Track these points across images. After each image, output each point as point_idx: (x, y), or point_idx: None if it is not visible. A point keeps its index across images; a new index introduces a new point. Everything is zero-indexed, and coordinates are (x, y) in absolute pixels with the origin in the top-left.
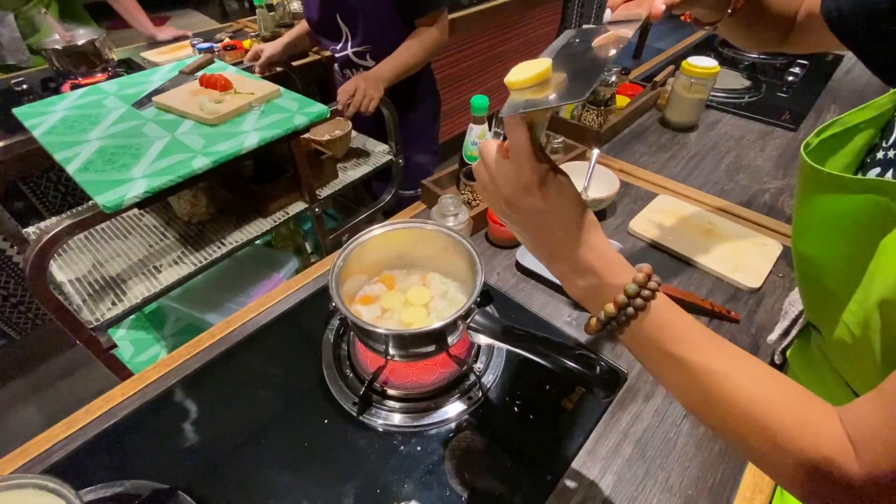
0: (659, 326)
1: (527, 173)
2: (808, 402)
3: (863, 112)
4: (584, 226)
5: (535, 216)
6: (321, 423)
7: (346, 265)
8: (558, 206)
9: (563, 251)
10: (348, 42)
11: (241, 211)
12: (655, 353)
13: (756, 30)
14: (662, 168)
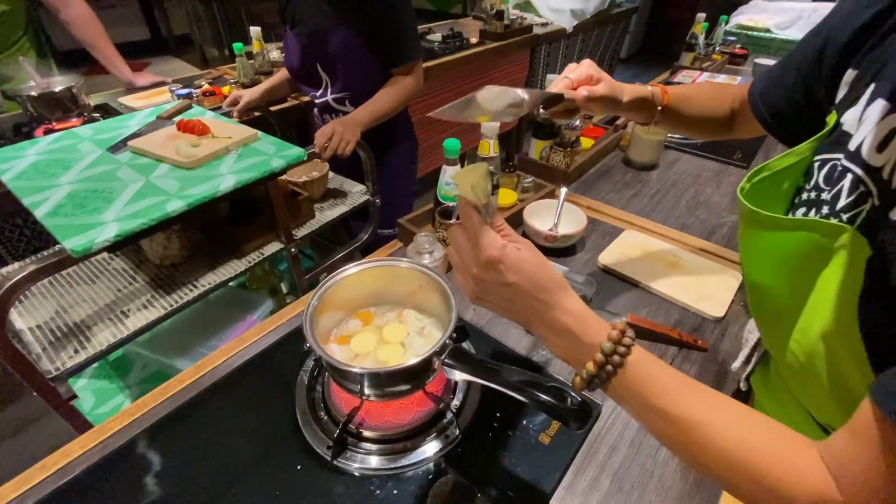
0: (639, 382)
1: (486, 251)
2: (788, 440)
3: (787, 158)
4: (552, 290)
5: (503, 289)
6: (294, 470)
7: (322, 304)
8: (522, 277)
9: (538, 317)
10: (328, 89)
11: (214, 252)
12: (639, 406)
13: (690, 127)
14: (627, 204)
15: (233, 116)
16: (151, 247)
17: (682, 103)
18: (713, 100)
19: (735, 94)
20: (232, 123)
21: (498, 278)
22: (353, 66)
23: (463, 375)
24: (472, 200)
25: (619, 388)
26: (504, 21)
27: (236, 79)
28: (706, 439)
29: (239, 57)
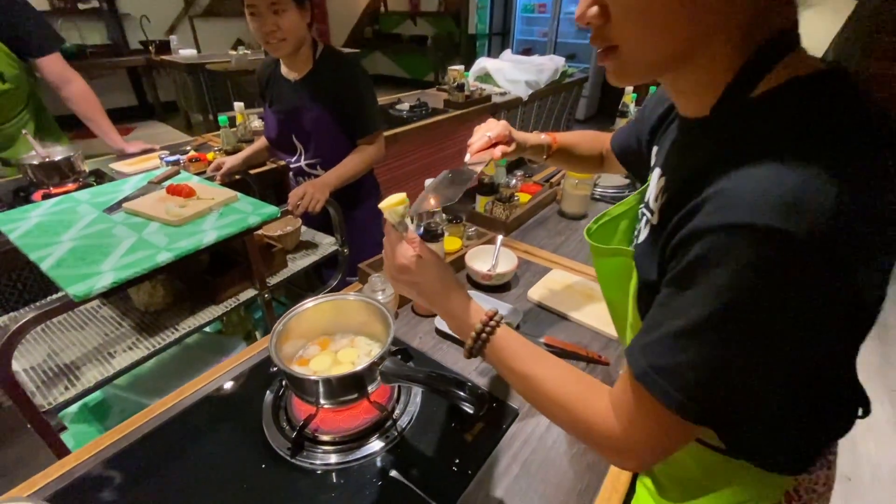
0: (499, 349)
1: (399, 258)
2: (592, 388)
3: (620, 207)
4: (447, 288)
5: (413, 285)
6: (259, 468)
7: (285, 331)
8: (424, 279)
9: (437, 305)
10: (302, 156)
11: (195, 300)
12: (501, 367)
13: (574, 165)
14: (557, 248)
15: (216, 180)
16: (139, 295)
17: (567, 148)
18: (590, 146)
19: (604, 141)
20: (215, 186)
21: (408, 278)
22: (323, 138)
23: (396, 381)
24: (392, 222)
25: (489, 354)
26: (465, 92)
27: (220, 146)
28: (540, 388)
29: (223, 128)
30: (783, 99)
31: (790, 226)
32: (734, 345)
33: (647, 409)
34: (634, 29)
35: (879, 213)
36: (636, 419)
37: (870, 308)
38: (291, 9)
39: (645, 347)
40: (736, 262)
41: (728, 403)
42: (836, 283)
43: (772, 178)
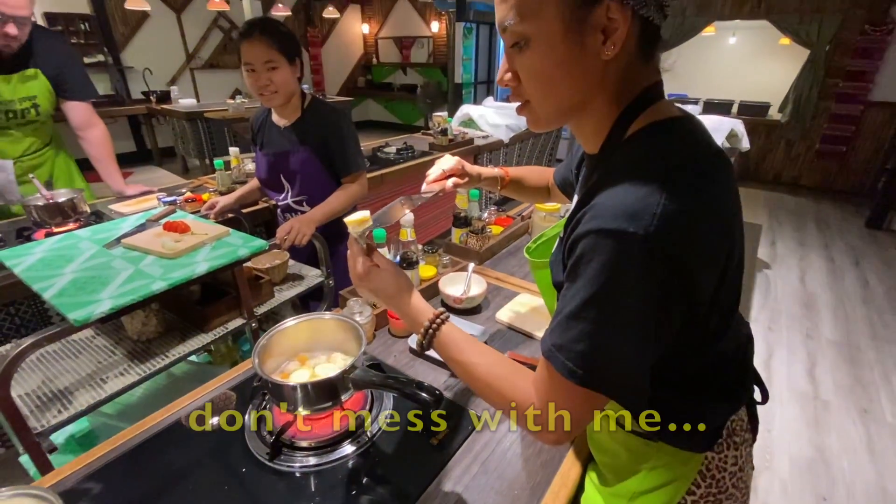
0: (444, 342)
1: (358, 268)
2: (518, 373)
3: (555, 228)
4: (401, 291)
5: (371, 290)
6: (239, 471)
7: (268, 346)
8: (381, 284)
9: (393, 306)
10: (289, 193)
11: (185, 329)
12: (447, 356)
13: (524, 196)
14: (526, 275)
15: (210, 218)
16: (132, 323)
17: (518, 180)
18: (537, 178)
19: (550, 175)
20: (209, 223)
21: (367, 284)
22: (308, 177)
23: (365, 386)
24: (355, 235)
25: (437, 346)
26: (448, 136)
27: (216, 187)
28: (475, 373)
29: (219, 171)
30: (639, 139)
31: (632, 227)
32: (605, 319)
33: (556, 383)
34: (536, 89)
35: (699, 214)
36: (549, 391)
37: (705, 297)
38: (283, 66)
39: (551, 331)
40: (600, 256)
41: (608, 369)
42: (669, 267)
43: (623, 194)
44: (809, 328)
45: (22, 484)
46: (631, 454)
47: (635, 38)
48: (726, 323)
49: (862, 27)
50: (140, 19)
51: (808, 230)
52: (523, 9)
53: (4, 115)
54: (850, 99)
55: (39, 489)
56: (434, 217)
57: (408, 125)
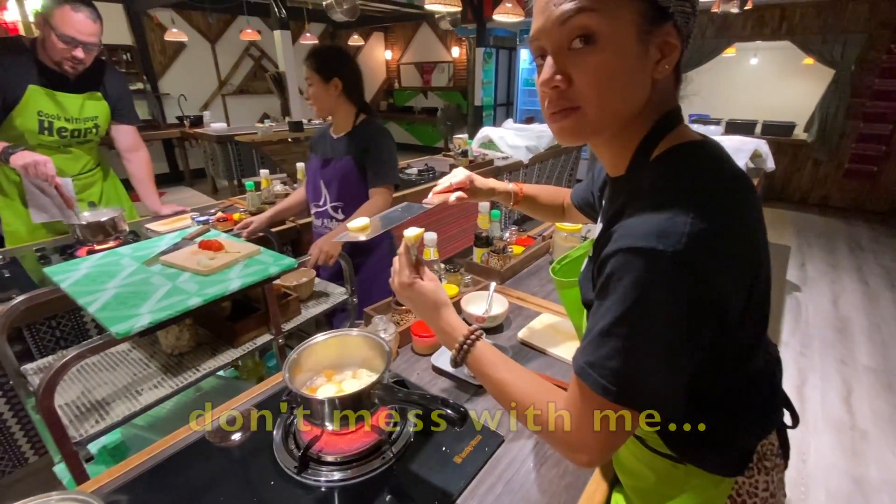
0: (478, 359)
1: (403, 278)
2: (550, 392)
3: (580, 249)
4: (439, 308)
5: (411, 301)
6: (268, 484)
7: (298, 360)
8: (420, 298)
9: (430, 320)
10: (326, 200)
11: (216, 344)
12: (479, 374)
13: (538, 213)
14: (548, 295)
15: (242, 236)
16: (167, 338)
17: (531, 197)
18: (551, 197)
19: (564, 195)
20: (241, 242)
21: (408, 294)
22: (346, 185)
23: (391, 401)
24: (408, 245)
25: (470, 363)
26: (468, 157)
27: (246, 207)
28: (508, 391)
29: (250, 192)
30: (665, 161)
31: (661, 245)
32: (637, 336)
33: (588, 401)
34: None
35: (725, 233)
36: (582, 413)
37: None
38: (317, 84)
39: (583, 349)
40: (630, 274)
41: (642, 385)
42: (698, 284)
43: (652, 214)
44: (844, 354)
45: None
46: (658, 477)
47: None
48: (755, 343)
49: (888, 46)
50: (177, 49)
51: (839, 252)
52: (600, 2)
53: (70, 134)
54: (879, 118)
55: (86, 494)
56: (451, 237)
57: (429, 147)
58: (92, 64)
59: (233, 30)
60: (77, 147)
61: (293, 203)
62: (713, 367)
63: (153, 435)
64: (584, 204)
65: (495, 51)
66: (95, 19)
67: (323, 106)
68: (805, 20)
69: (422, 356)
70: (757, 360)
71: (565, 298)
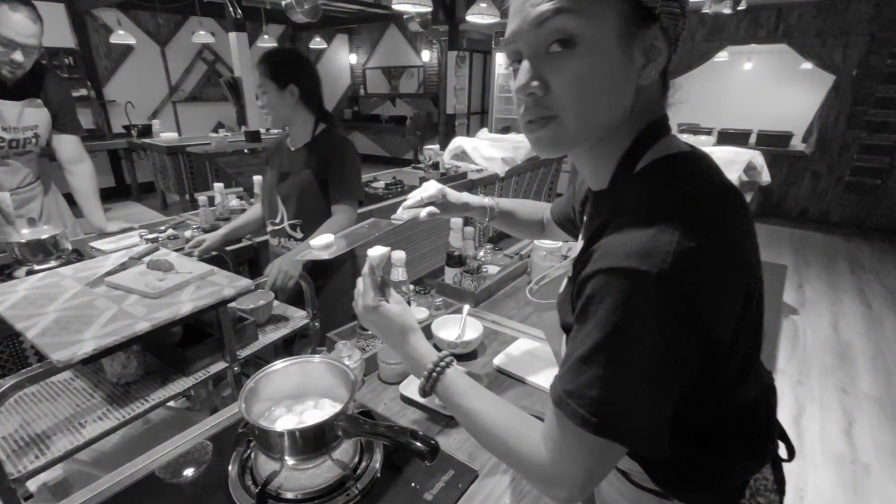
0: (448, 386)
1: (368, 300)
2: (527, 423)
3: (559, 269)
4: (405, 333)
5: (375, 325)
6: None
7: (255, 390)
8: (385, 323)
9: (396, 346)
10: (284, 217)
11: (166, 373)
12: (449, 403)
13: (515, 230)
14: (525, 319)
15: (194, 256)
16: (112, 366)
17: (509, 212)
18: (529, 212)
19: (543, 210)
20: (193, 261)
21: (372, 318)
22: (305, 201)
23: (356, 434)
24: (373, 265)
25: (440, 391)
26: (440, 170)
27: (198, 224)
28: (480, 421)
29: (203, 207)
30: (649, 175)
31: (644, 265)
32: (619, 363)
33: (568, 434)
34: (578, 99)
35: (714, 252)
36: (560, 445)
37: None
38: (271, 91)
39: (561, 377)
40: (612, 296)
41: (625, 416)
42: (685, 306)
43: (634, 232)
44: (845, 382)
45: None
46: None
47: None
48: (747, 370)
49: (893, 50)
50: (124, 53)
51: (839, 272)
52: (580, 3)
53: (7, 144)
54: (883, 128)
55: None
56: (421, 255)
57: (397, 158)
58: (31, 68)
59: (184, 31)
60: (15, 159)
61: (250, 220)
62: (702, 396)
63: (98, 471)
64: (565, 220)
65: (469, 54)
66: (35, 20)
67: (279, 115)
68: (803, 21)
69: (389, 384)
70: (749, 389)
71: (543, 320)
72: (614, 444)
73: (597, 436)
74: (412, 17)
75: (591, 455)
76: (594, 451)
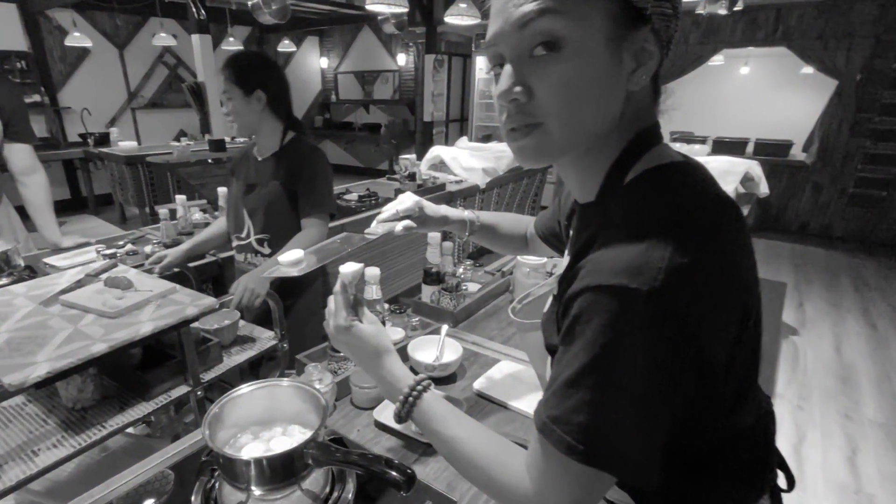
0: (425, 412)
1: (340, 320)
2: (509, 451)
3: (543, 287)
4: (379, 355)
5: (348, 346)
6: None
7: (220, 415)
8: (358, 344)
9: (370, 369)
10: (250, 231)
11: (124, 397)
12: (427, 430)
13: (497, 245)
14: (508, 340)
15: (154, 272)
16: (67, 390)
17: (490, 226)
18: (511, 226)
19: (527, 224)
20: (153, 278)
21: (345, 339)
22: (273, 214)
23: (328, 462)
24: (345, 282)
25: (416, 417)
26: (416, 181)
27: (159, 239)
28: (460, 450)
29: (164, 221)
30: (640, 186)
31: (635, 283)
32: (607, 386)
33: (553, 462)
34: (564, 105)
35: (709, 268)
36: (545, 474)
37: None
38: (237, 97)
39: (545, 402)
40: (600, 316)
41: (613, 443)
42: (677, 326)
43: (624, 247)
44: (848, 407)
45: None
46: None
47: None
48: (744, 394)
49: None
50: (80, 56)
51: (842, 289)
52: (566, 3)
53: None
54: (889, 136)
55: None
56: (397, 272)
57: (371, 169)
58: None
59: (144, 34)
60: None
61: (214, 234)
62: (695, 422)
63: (52, 502)
64: (550, 234)
65: (447, 58)
66: None
67: (244, 122)
68: (804, 23)
69: (363, 410)
70: (746, 414)
71: (526, 342)
72: (602, 474)
73: (584, 464)
74: (387, 18)
75: (578, 485)
76: (581, 480)
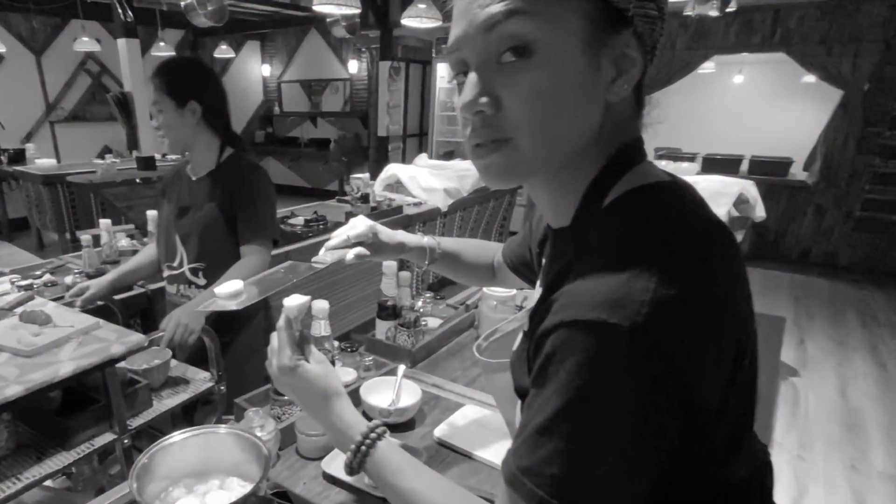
0: (380, 463)
1: (283, 360)
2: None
3: (512, 323)
4: (327, 399)
5: (293, 389)
6: None
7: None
8: (304, 386)
9: (316, 414)
10: (183, 260)
11: (42, 446)
12: (381, 483)
13: (460, 275)
14: (472, 381)
15: (76, 305)
16: None
17: (453, 254)
18: (476, 254)
19: (494, 251)
20: (74, 313)
21: (289, 380)
22: (209, 240)
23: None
24: (290, 317)
25: (370, 468)
26: (370, 203)
27: (81, 269)
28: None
29: (86, 248)
30: (620, 209)
31: (615, 318)
32: (584, 434)
33: None
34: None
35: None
36: None
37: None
38: (169, 109)
39: (515, 451)
40: (575, 354)
41: (590, 498)
42: (663, 367)
43: (603, 278)
44: (855, 457)
45: None
46: None
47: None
48: (738, 442)
49: None
50: None
51: (848, 325)
52: (537, 4)
53: None
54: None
55: None
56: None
57: (319, 189)
58: None
59: (64, 38)
60: None
61: (143, 263)
62: (683, 474)
63: None
64: (520, 263)
65: (405, 65)
66: None
67: (177, 137)
68: (805, 26)
69: (310, 460)
70: (741, 465)
71: (492, 384)
72: None
73: None
74: (337, 20)
75: None
76: None
